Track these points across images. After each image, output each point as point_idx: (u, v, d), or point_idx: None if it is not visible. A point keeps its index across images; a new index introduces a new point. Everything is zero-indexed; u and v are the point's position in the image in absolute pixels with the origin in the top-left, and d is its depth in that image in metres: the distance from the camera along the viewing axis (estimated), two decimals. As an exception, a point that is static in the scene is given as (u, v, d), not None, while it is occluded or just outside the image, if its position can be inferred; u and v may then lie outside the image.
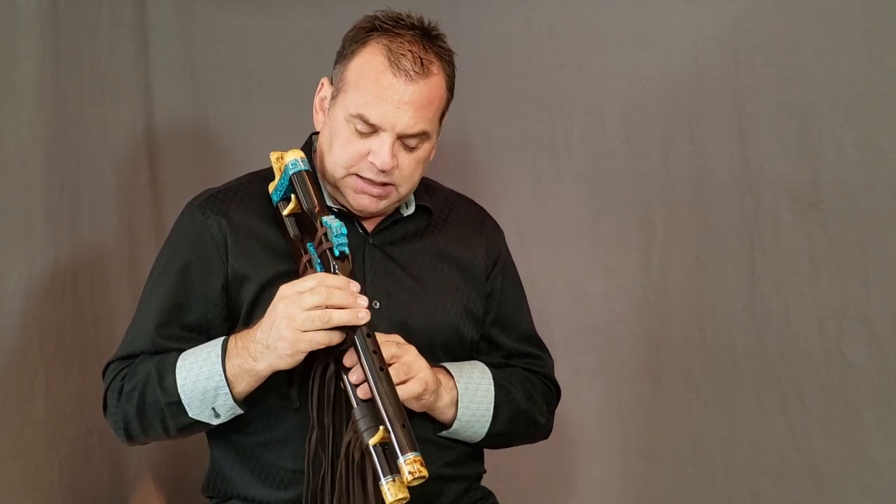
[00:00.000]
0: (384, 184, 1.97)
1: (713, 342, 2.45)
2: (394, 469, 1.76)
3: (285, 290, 1.85)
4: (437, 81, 1.97)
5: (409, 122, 1.94)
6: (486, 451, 2.15)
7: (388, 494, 1.75)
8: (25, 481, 2.32)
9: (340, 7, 2.60)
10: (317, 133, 2.08)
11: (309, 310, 1.81)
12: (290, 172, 1.96)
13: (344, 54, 1.99)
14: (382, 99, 1.93)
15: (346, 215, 2.02)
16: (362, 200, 1.99)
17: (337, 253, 1.88)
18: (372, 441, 1.78)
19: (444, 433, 2.02)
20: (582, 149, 2.57)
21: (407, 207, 2.08)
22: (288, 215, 1.96)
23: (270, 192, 2.00)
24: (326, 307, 1.81)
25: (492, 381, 2.05)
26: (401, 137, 1.95)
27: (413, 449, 1.75)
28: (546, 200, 2.62)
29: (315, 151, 2.07)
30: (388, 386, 1.80)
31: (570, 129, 2.58)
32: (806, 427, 2.36)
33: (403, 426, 1.76)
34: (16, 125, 2.30)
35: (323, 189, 2.03)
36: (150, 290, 2.02)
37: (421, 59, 1.94)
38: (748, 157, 2.38)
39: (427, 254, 2.07)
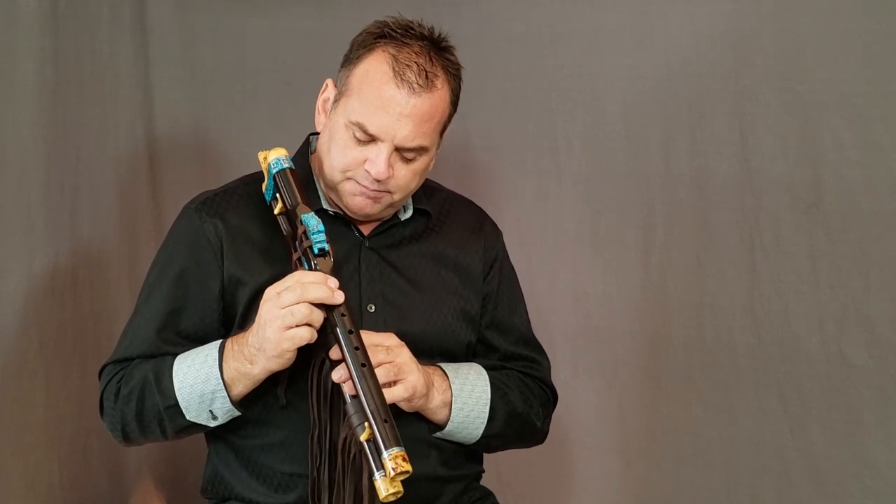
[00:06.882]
0: (379, 189, 1.96)
1: (713, 342, 2.45)
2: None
3: (268, 292, 1.85)
4: (440, 96, 1.95)
5: (407, 135, 1.92)
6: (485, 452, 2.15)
7: (382, 489, 1.74)
8: (25, 481, 2.32)
9: (340, 7, 2.61)
10: (316, 134, 2.07)
11: (286, 307, 1.81)
12: (273, 171, 1.95)
13: (350, 58, 1.97)
14: (382, 110, 1.90)
15: (343, 218, 2.02)
16: (357, 201, 1.97)
17: (316, 250, 1.87)
18: (363, 437, 1.77)
19: (438, 434, 2.01)
20: (582, 149, 2.57)
21: (404, 212, 2.07)
22: (279, 214, 1.95)
23: (263, 191, 1.99)
24: (305, 303, 1.81)
25: (488, 382, 2.04)
26: (399, 150, 1.93)
27: (396, 444, 1.74)
28: (546, 200, 2.61)
29: (313, 152, 2.07)
30: (371, 382, 1.79)
31: (571, 129, 2.57)
32: (806, 427, 2.35)
33: (386, 421, 1.76)
34: (16, 125, 2.30)
35: (319, 191, 2.03)
36: (147, 294, 2.02)
37: (426, 71, 1.92)
38: (748, 157, 2.37)
39: (424, 257, 2.06)
